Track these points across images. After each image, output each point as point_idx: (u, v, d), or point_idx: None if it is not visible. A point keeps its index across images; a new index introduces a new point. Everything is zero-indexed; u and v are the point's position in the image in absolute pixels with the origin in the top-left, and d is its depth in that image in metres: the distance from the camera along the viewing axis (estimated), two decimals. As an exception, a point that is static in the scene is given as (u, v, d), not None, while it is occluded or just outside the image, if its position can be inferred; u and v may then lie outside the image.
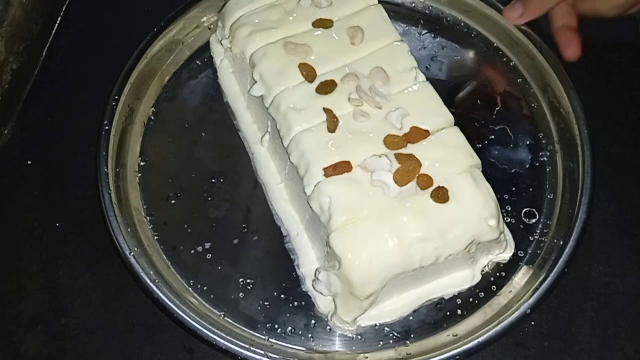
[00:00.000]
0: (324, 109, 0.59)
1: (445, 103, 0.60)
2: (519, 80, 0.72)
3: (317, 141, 0.57)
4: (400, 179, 0.55)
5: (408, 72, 0.61)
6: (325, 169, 0.56)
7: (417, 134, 0.57)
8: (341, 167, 0.56)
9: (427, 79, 0.61)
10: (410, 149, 0.57)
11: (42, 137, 0.71)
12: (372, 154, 0.56)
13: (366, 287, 0.54)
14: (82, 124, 0.70)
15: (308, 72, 0.60)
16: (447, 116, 0.59)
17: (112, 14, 0.79)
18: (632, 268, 0.63)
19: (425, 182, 0.55)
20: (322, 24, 0.64)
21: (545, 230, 0.64)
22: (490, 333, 0.56)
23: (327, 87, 0.60)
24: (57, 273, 0.63)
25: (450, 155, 0.57)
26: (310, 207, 0.56)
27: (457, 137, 0.58)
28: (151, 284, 0.58)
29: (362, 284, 0.54)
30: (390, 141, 0.57)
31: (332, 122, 0.58)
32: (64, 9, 0.79)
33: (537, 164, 0.68)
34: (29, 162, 0.69)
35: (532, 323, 0.60)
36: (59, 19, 0.79)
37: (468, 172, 0.56)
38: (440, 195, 0.55)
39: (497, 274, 0.62)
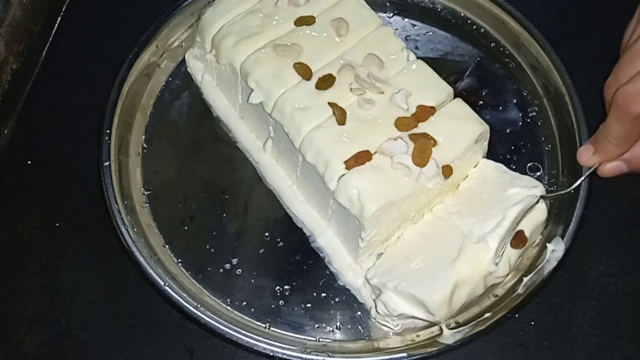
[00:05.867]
0: (329, 103, 0.59)
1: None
2: (492, 44, 0.75)
3: (330, 136, 0.58)
4: (419, 160, 0.56)
5: (400, 54, 0.62)
6: (346, 162, 0.56)
7: (425, 112, 0.59)
8: (362, 157, 0.56)
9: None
10: (421, 127, 0.58)
11: (42, 137, 0.70)
12: (386, 138, 0.57)
13: (447, 319, 0.57)
14: (82, 124, 0.69)
15: (304, 71, 0.61)
16: (448, 89, 0.61)
17: (112, 14, 0.78)
18: (632, 268, 0.63)
19: (448, 171, 0.57)
20: (305, 21, 0.64)
21: (552, 181, 0.66)
22: (531, 286, 0.58)
23: (326, 82, 0.60)
24: (57, 273, 0.63)
25: (461, 126, 0.58)
26: (337, 201, 0.57)
27: (462, 108, 0.60)
28: (197, 312, 0.57)
29: (444, 318, 0.57)
30: (402, 123, 0.58)
31: (341, 115, 0.58)
32: (64, 9, 0.78)
33: (529, 120, 0.70)
34: (29, 162, 0.68)
35: (532, 323, 0.60)
36: (59, 19, 0.77)
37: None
38: (520, 241, 0.58)
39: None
